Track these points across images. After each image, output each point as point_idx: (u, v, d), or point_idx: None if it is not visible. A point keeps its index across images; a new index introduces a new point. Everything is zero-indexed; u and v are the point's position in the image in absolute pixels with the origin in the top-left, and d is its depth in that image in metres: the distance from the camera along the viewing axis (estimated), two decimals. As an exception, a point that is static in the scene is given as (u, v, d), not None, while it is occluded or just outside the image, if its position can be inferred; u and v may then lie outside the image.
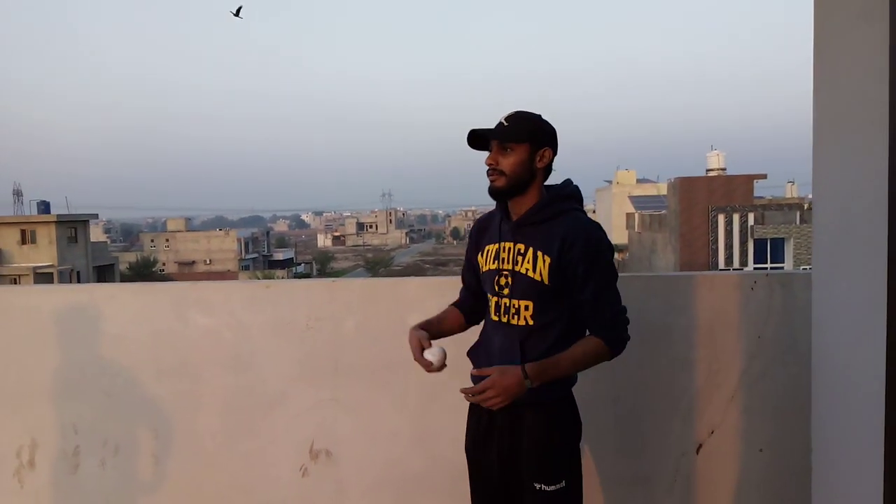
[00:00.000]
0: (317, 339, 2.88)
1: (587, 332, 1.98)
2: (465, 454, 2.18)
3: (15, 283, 35.68)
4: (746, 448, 2.69)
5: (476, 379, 1.98)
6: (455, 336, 2.26)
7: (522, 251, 1.97)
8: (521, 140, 1.94)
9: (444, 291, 2.84)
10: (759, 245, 26.78)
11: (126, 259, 58.46)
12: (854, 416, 1.96)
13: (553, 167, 2.02)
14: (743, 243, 26.85)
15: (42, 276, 36.10)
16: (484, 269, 2.10)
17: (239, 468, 2.94)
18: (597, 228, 1.98)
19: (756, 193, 30.43)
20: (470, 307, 2.21)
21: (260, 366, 2.91)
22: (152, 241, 75.51)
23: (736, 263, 26.77)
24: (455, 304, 2.26)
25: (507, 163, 1.94)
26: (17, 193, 52.73)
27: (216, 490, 2.95)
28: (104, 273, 41.83)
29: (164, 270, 64.46)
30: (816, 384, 2.22)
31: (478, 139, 1.98)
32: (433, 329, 2.13)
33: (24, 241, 37.30)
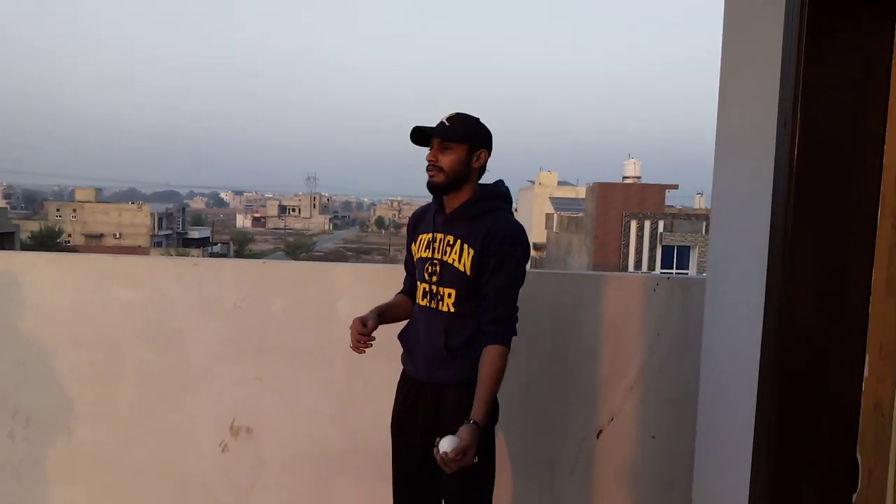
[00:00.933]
0: (243, 319, 2.93)
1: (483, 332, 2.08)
2: (387, 432, 2.30)
3: None
4: (641, 434, 2.95)
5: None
6: (384, 326, 2.39)
7: (451, 242, 2.12)
8: (461, 140, 2.09)
9: (373, 278, 2.96)
10: (667, 251, 28.24)
11: (28, 227, 54.88)
12: (732, 405, 2.22)
13: (487, 168, 2.19)
14: (652, 249, 28.24)
15: (-71, 241, 33.42)
16: (416, 257, 2.23)
17: (157, 442, 2.95)
18: (518, 229, 2.15)
19: (667, 202, 32.01)
20: (415, 294, 2.32)
21: (184, 342, 2.93)
22: (58, 210, 71.17)
23: (644, 268, 28.12)
24: (403, 292, 2.37)
25: (447, 160, 2.09)
26: None
27: (133, 463, 2.95)
28: (2, 241, 39.13)
29: (69, 242, 60.93)
30: (703, 377, 2.49)
31: (420, 136, 2.12)
32: (387, 315, 2.25)
33: None
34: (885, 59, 1.79)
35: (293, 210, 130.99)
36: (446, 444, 1.93)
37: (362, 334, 2.15)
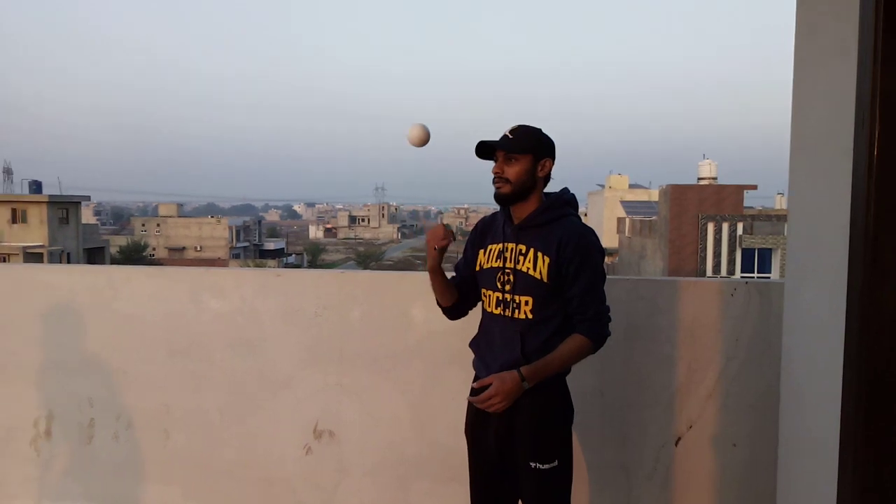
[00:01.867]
0: (323, 327, 3.06)
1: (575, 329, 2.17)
2: (462, 437, 2.36)
3: (5, 261, 35.54)
4: (721, 442, 2.89)
5: (477, 390, 2.18)
6: (457, 329, 2.46)
7: (524, 251, 2.17)
8: (525, 151, 2.14)
9: (446, 286, 3.03)
10: (747, 255, 27.15)
11: (116, 242, 58.25)
12: (815, 411, 2.16)
13: (552, 176, 2.23)
14: (731, 252, 27.21)
15: (32, 256, 35.96)
16: (485, 266, 2.28)
17: (245, 444, 3.12)
18: (590, 233, 2.20)
19: (746, 203, 30.80)
20: (461, 295, 2.38)
21: (269, 350, 3.09)
22: (143, 225, 75.22)
23: (723, 272, 27.13)
24: (453, 280, 2.41)
25: (512, 172, 2.15)
26: (7, 171, 52.33)
27: (222, 464, 3.13)
28: (94, 255, 41.72)
29: (153, 255, 64.24)
30: (784, 384, 2.43)
31: (484, 149, 2.18)
32: (444, 278, 2.33)
33: (14, 220, 37.13)
34: (970, 52, 1.73)
35: (363, 220, 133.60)
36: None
37: (446, 235, 2.21)
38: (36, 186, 40.14)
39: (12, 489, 3.22)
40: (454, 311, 2.40)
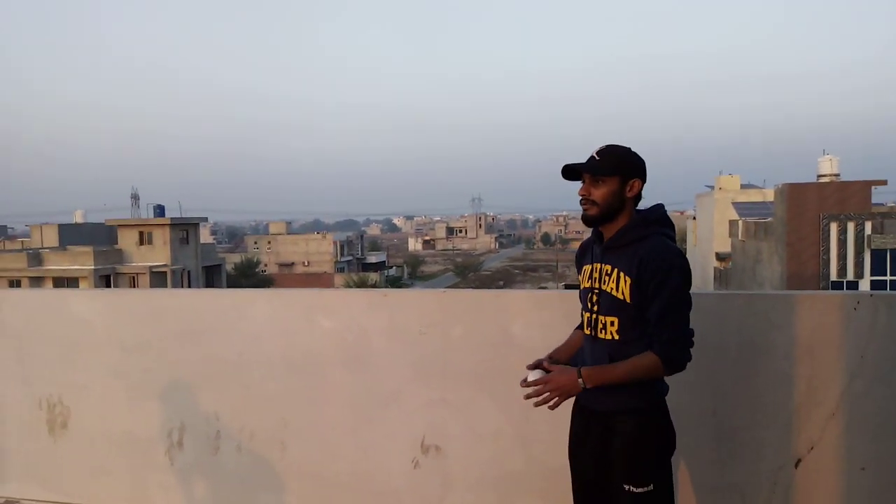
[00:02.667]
0: (428, 344, 3.15)
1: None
2: (564, 455, 2.36)
3: (134, 280, 38.64)
4: (847, 465, 2.72)
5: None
6: (557, 346, 2.46)
7: (609, 272, 2.15)
8: (612, 173, 2.12)
9: (544, 304, 3.05)
10: (878, 256, 24.99)
11: (232, 260, 61.89)
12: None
13: (642, 195, 2.19)
14: (858, 254, 25.15)
15: (157, 276, 38.89)
16: (581, 287, 2.29)
17: (357, 457, 3.25)
18: (676, 254, 2.11)
19: (874, 200, 28.40)
20: None
21: (377, 366, 3.22)
22: (255, 243, 79.51)
23: (850, 275, 25.09)
24: (579, 327, 2.42)
25: (599, 194, 2.13)
26: (135, 197, 56.95)
27: (336, 476, 3.28)
28: (212, 273, 44.51)
29: (265, 271, 67.72)
30: (918, 405, 2.26)
31: (571, 172, 2.18)
32: (562, 353, 2.35)
33: (141, 242, 40.29)
34: None
35: (460, 231, 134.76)
36: (533, 375, 2.12)
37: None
38: (159, 210, 43.35)
39: (150, 494, 3.52)
40: None
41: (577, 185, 2.20)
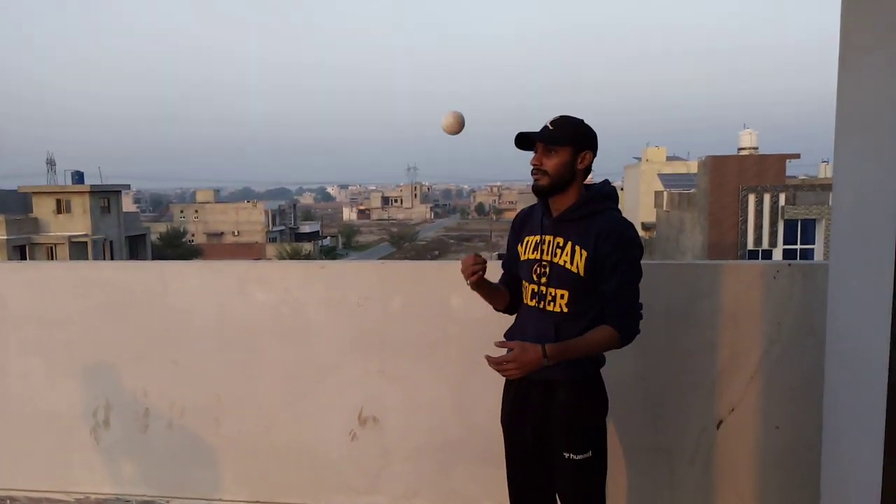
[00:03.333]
0: (366, 317, 3.12)
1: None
2: (500, 424, 2.40)
3: (51, 251, 36.71)
4: (764, 425, 2.89)
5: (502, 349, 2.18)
6: (496, 317, 2.48)
7: (561, 244, 2.17)
8: (565, 143, 2.13)
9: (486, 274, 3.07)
10: (790, 226, 26.45)
11: (157, 229, 59.56)
12: (861, 396, 2.14)
13: (592, 168, 2.22)
14: (773, 224, 26.54)
15: (77, 245, 37.07)
16: (523, 258, 2.30)
17: (294, 430, 3.22)
18: (629, 227, 2.18)
19: (789, 173, 29.92)
20: (512, 292, 2.40)
21: (314, 339, 3.18)
22: (182, 212, 76.75)
23: (765, 244, 26.50)
24: (502, 283, 2.42)
25: (551, 164, 2.14)
26: (51, 163, 53.66)
27: (273, 449, 3.24)
28: (136, 243, 42.78)
29: (192, 241, 65.58)
30: (829, 367, 2.41)
31: (524, 140, 2.18)
32: (487, 286, 2.29)
33: (59, 211, 38.23)
34: None
35: (395, 201, 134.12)
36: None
37: (477, 264, 2.19)
38: (78, 177, 41.13)
39: (75, 475, 3.39)
40: (510, 310, 2.40)
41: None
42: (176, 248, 56.60)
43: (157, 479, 3.34)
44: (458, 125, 2.24)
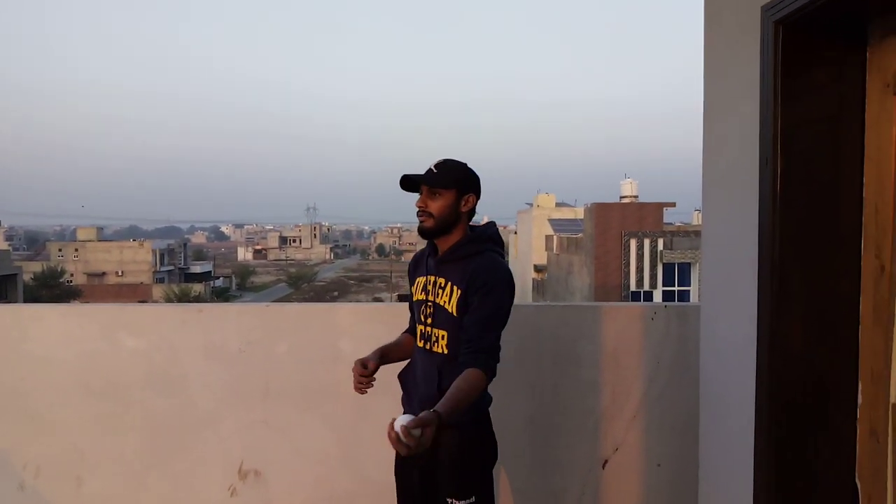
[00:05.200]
0: (248, 363, 2.96)
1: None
2: (392, 473, 2.33)
3: None
4: (646, 463, 2.97)
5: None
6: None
7: (443, 284, 2.17)
8: (449, 186, 2.15)
9: (374, 317, 3.01)
10: (668, 269, 28.27)
11: (31, 269, 54.97)
12: (731, 434, 2.25)
13: (475, 210, 2.24)
14: (653, 267, 28.26)
15: (-68, 286, 33.46)
16: (414, 299, 2.28)
17: (167, 489, 2.97)
18: (503, 268, 2.18)
19: (666, 220, 32.09)
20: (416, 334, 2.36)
21: (190, 388, 2.97)
22: (60, 250, 71.32)
23: (646, 286, 28.12)
24: (407, 331, 2.40)
25: (436, 206, 2.15)
26: None
27: (142, 511, 2.97)
28: (5, 283, 39.18)
29: (71, 282, 60.99)
30: (703, 407, 2.52)
31: (409, 183, 2.18)
32: (390, 355, 2.29)
33: (-87, 248, 34.58)
34: (857, 94, 1.86)
35: (294, 241, 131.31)
36: (403, 420, 1.86)
37: (364, 375, 2.19)
38: (-63, 210, 37.44)
39: None
40: None
41: (412, 197, 2.20)
42: (52, 288, 52.40)
43: (3, 550, 2.97)
44: None
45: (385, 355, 2.29)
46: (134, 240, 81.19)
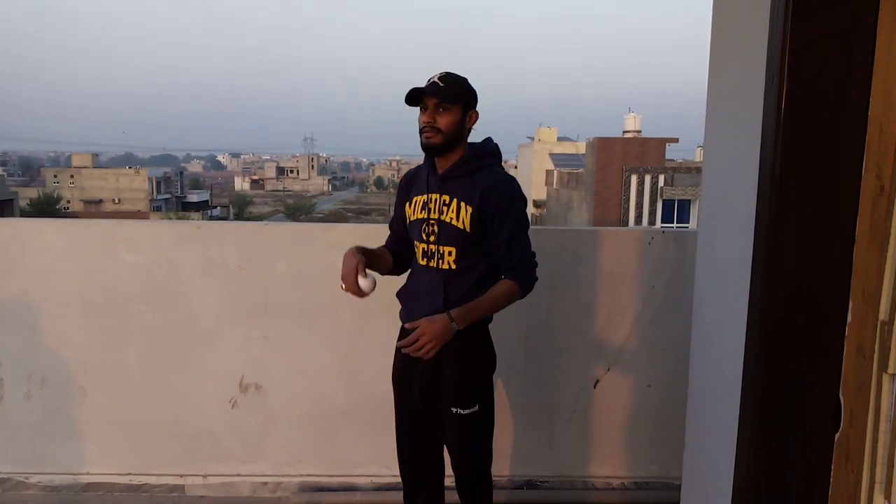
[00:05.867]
0: (247, 280, 2.99)
1: (502, 276, 2.21)
2: (390, 385, 2.39)
3: None
4: (637, 384, 3.05)
5: (408, 332, 2.19)
6: (386, 279, 2.44)
7: (447, 202, 2.17)
8: (456, 102, 2.12)
9: (374, 238, 2.99)
10: (668, 206, 28.22)
11: (27, 195, 54.77)
12: (721, 353, 2.30)
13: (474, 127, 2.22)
14: (653, 203, 28.20)
15: (-72, 210, 33.37)
16: (412, 219, 2.28)
17: (168, 400, 3.05)
18: (512, 181, 2.22)
19: (668, 156, 31.83)
20: (397, 254, 2.38)
21: (190, 304, 3.01)
22: (55, 176, 70.86)
23: (645, 223, 28.13)
24: (387, 248, 2.42)
25: (444, 121, 2.12)
26: None
27: (144, 421, 3.06)
28: (2, 209, 39.11)
29: (68, 208, 60.87)
30: (695, 327, 2.56)
31: (414, 97, 2.14)
32: (370, 258, 2.26)
33: None
34: (871, 10, 1.81)
35: (291, 172, 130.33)
36: (364, 283, 2.01)
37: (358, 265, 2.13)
38: (-70, 133, 36.93)
39: (-85, 454, 3.06)
40: (396, 271, 2.38)
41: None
42: (48, 215, 52.34)
43: (14, 454, 3.07)
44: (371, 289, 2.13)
45: (364, 255, 2.21)
46: (130, 167, 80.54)
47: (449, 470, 2.33)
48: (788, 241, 1.89)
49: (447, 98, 2.11)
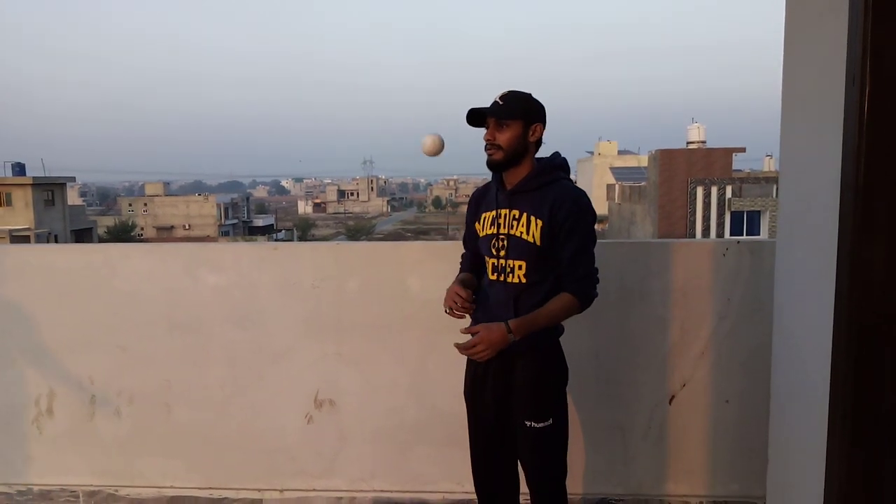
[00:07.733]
0: (321, 298, 3.08)
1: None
2: (460, 402, 2.40)
3: (-9, 245, 35.14)
4: (715, 399, 2.96)
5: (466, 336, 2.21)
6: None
7: (517, 216, 2.19)
8: (516, 117, 2.15)
9: (442, 255, 3.06)
10: (736, 217, 27.31)
11: (104, 223, 57.72)
12: (806, 366, 2.22)
13: (543, 141, 2.24)
14: (720, 215, 27.36)
15: (18, 240, 35.59)
16: (482, 234, 2.31)
17: (247, 416, 3.15)
18: (583, 195, 2.23)
19: (735, 166, 30.88)
20: (477, 270, 2.41)
21: (267, 322, 3.11)
22: (130, 205, 74.50)
23: (713, 236, 27.30)
24: (465, 270, 2.45)
25: (504, 138, 2.16)
26: (-11, 154, 51.28)
27: (225, 436, 3.17)
28: (82, 237, 41.36)
29: (142, 235, 63.81)
30: (776, 339, 2.48)
31: (475, 117, 2.18)
32: (473, 285, 2.35)
33: (-2, 204, 36.71)
34: (959, 7, 1.74)
35: (352, 194, 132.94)
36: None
37: (465, 300, 2.23)
38: (19, 168, 39.49)
39: (17, 467, 3.26)
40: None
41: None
42: (124, 241, 54.96)
43: (104, 468, 3.23)
44: (438, 147, 2.26)
45: (470, 287, 2.32)
46: (199, 194, 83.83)
47: (524, 486, 2.32)
48: (875, 249, 1.82)
49: (503, 115, 2.15)
